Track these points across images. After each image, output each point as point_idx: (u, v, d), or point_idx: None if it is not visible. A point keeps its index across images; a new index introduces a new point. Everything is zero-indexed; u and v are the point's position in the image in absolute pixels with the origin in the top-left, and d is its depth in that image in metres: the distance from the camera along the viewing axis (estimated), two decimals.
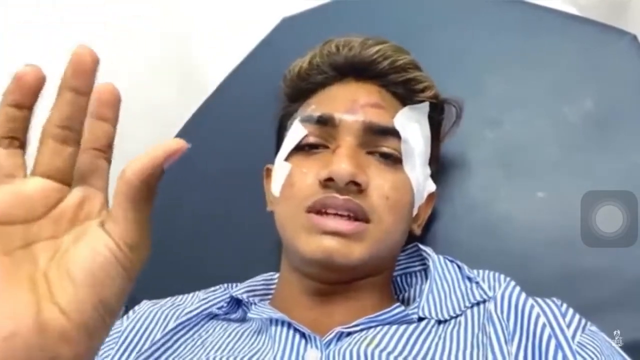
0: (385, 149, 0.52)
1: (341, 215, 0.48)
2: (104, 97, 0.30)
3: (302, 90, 0.57)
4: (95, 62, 0.29)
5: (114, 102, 0.31)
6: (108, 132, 0.31)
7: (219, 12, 1.09)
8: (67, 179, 0.31)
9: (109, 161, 0.32)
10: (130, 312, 0.56)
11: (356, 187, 0.48)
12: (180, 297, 0.58)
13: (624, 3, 0.88)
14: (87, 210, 0.31)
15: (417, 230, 0.58)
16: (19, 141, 0.30)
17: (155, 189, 0.30)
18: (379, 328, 0.47)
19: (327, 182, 0.48)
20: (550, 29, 0.67)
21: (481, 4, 0.72)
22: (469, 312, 0.48)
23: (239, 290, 0.56)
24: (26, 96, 0.29)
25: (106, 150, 0.31)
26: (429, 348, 0.45)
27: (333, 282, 0.50)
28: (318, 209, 0.48)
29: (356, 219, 0.48)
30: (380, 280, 0.53)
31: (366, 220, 0.48)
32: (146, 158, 0.29)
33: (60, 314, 0.27)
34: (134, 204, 0.29)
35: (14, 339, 0.25)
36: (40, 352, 0.26)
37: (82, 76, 0.29)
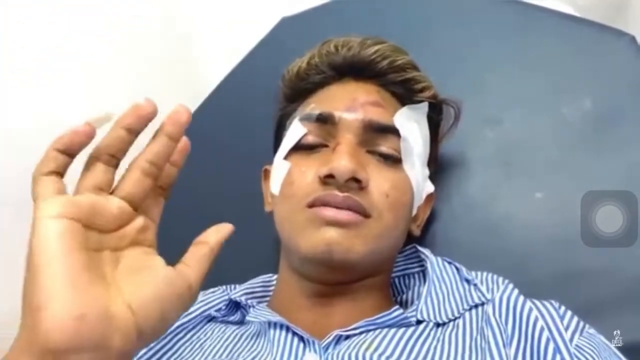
0: (384, 148, 0.51)
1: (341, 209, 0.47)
2: (181, 146, 0.38)
3: (301, 90, 0.57)
4: (188, 121, 0.36)
5: (185, 153, 0.39)
6: (173, 176, 0.39)
7: (219, 11, 1.09)
8: (138, 205, 0.36)
9: (166, 199, 0.39)
10: None
11: (356, 184, 0.48)
12: None
13: (623, 4, 0.88)
14: (144, 237, 0.36)
15: (416, 231, 0.58)
16: (117, 160, 0.35)
17: None
18: (377, 331, 0.46)
19: (327, 179, 0.48)
20: (550, 29, 0.67)
21: (481, 5, 0.72)
22: (467, 314, 0.48)
23: (237, 292, 0.56)
24: (139, 124, 0.35)
25: (168, 189, 0.39)
26: (427, 351, 0.44)
27: (332, 283, 0.50)
28: (318, 206, 0.48)
29: (356, 213, 0.48)
30: (379, 281, 0.53)
31: (366, 215, 0.48)
32: (218, 232, 0.38)
33: (129, 312, 0.32)
34: (209, 262, 0.37)
35: (83, 320, 0.29)
36: (99, 337, 0.30)
37: (177, 128, 0.35)
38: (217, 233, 0.38)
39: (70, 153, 0.34)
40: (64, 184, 0.34)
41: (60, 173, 0.34)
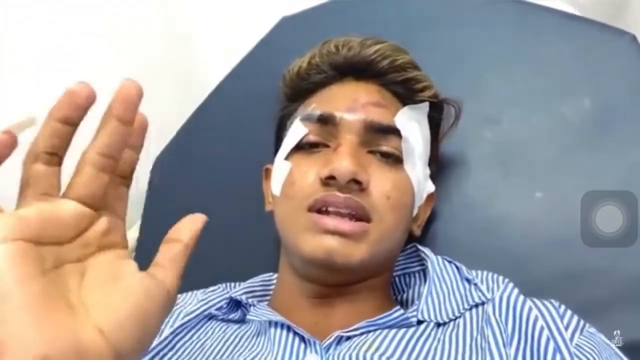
0: (386, 148, 0.51)
1: (342, 215, 0.47)
2: (137, 125, 0.32)
3: (301, 90, 0.57)
4: (141, 95, 0.31)
5: (144, 131, 0.33)
6: (134, 160, 0.34)
7: (219, 11, 1.09)
8: (97, 205, 0.31)
9: (128, 188, 0.34)
10: None
11: (357, 185, 0.48)
12: (179, 296, 0.58)
13: (623, 3, 0.88)
14: (111, 239, 0.32)
15: (417, 231, 0.58)
16: (58, 158, 0.30)
17: None
18: (378, 332, 0.46)
19: (328, 180, 0.48)
20: (550, 28, 0.67)
21: (480, 4, 0.72)
22: (467, 314, 0.48)
23: (238, 291, 0.56)
24: (75, 112, 0.30)
25: (129, 177, 0.34)
26: (428, 352, 0.44)
27: (333, 285, 0.50)
28: (319, 207, 0.48)
29: (357, 218, 0.48)
30: (380, 281, 0.53)
31: (367, 219, 0.48)
32: (191, 226, 0.34)
33: (101, 338, 0.28)
34: (185, 261, 0.33)
35: None
36: None
37: (128, 107, 0.30)
38: (190, 226, 0.34)
39: None
40: None
41: None
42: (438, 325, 0.48)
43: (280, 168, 0.53)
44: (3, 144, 0.30)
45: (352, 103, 0.52)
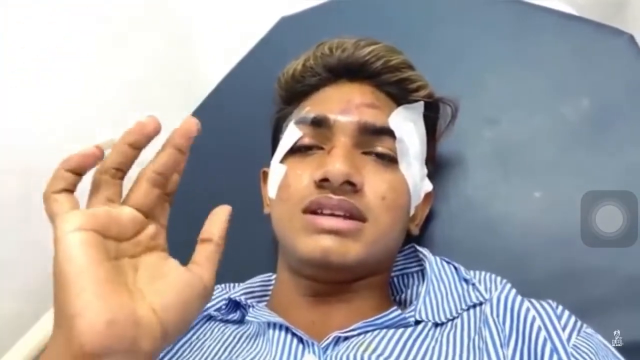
0: (380, 149, 0.51)
1: (337, 216, 0.48)
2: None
3: (296, 92, 0.57)
4: (198, 132, 0.38)
5: (186, 158, 0.39)
6: (176, 182, 0.40)
7: (219, 11, 1.09)
8: (148, 213, 0.37)
9: (171, 204, 0.40)
10: None
11: (351, 187, 0.48)
12: None
13: (621, 2, 0.87)
14: (157, 242, 0.38)
15: (415, 230, 0.58)
16: (122, 174, 0.37)
17: None
18: (376, 332, 0.46)
19: (322, 183, 0.48)
20: (548, 28, 0.67)
21: (479, 4, 0.72)
22: (465, 314, 0.48)
23: (236, 292, 0.56)
24: (142, 140, 0.36)
25: (172, 195, 0.40)
26: (425, 352, 0.44)
27: (330, 282, 0.50)
28: (314, 209, 0.48)
29: (352, 218, 0.48)
30: (378, 281, 0.53)
31: (362, 219, 0.48)
32: (218, 224, 0.39)
33: (154, 315, 0.33)
34: (218, 257, 0.38)
35: (114, 324, 0.31)
36: (129, 340, 0.31)
37: (187, 140, 0.37)
38: (218, 224, 0.39)
39: (79, 172, 0.36)
40: (76, 199, 0.36)
41: (70, 190, 0.36)
42: (436, 325, 0.48)
43: (276, 171, 0.53)
44: (93, 155, 0.36)
45: (345, 105, 0.52)
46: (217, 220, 0.39)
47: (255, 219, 0.62)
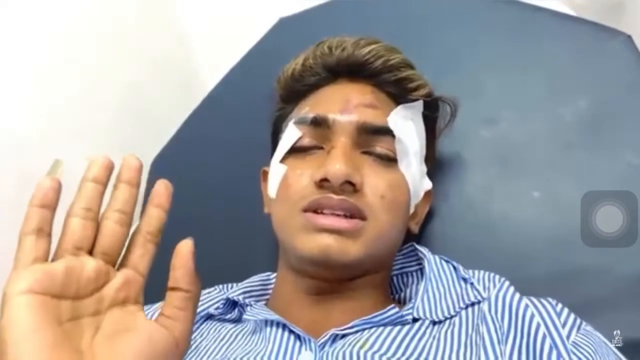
0: (379, 149, 0.51)
1: (337, 215, 0.48)
2: (161, 190, 0.37)
3: (295, 91, 0.57)
4: (141, 164, 0.36)
5: (169, 195, 0.37)
6: (162, 219, 0.36)
7: (218, 12, 1.09)
8: (115, 259, 0.35)
9: (157, 246, 0.36)
10: None
11: (351, 187, 0.48)
12: None
13: (619, 3, 0.88)
14: (126, 294, 0.35)
15: (415, 228, 0.58)
16: (93, 214, 0.34)
17: None
18: (373, 329, 0.46)
19: (322, 183, 0.48)
20: (546, 29, 0.67)
21: (477, 4, 0.72)
22: (463, 312, 0.48)
23: (235, 291, 0.56)
24: (104, 175, 0.34)
25: (157, 235, 0.36)
26: (422, 349, 0.44)
27: (330, 280, 0.50)
28: (314, 209, 0.48)
29: (352, 217, 0.48)
30: (378, 279, 0.53)
31: (362, 217, 0.48)
32: (184, 269, 0.35)
33: None
34: (194, 304, 0.36)
35: None
36: None
37: (135, 173, 0.36)
38: (183, 267, 0.35)
39: (48, 206, 0.33)
40: (48, 241, 0.33)
41: (43, 229, 0.33)
42: (434, 323, 0.48)
43: (276, 171, 0.53)
44: (53, 188, 0.33)
45: (345, 104, 0.52)
46: (180, 263, 0.36)
47: (255, 218, 0.62)
